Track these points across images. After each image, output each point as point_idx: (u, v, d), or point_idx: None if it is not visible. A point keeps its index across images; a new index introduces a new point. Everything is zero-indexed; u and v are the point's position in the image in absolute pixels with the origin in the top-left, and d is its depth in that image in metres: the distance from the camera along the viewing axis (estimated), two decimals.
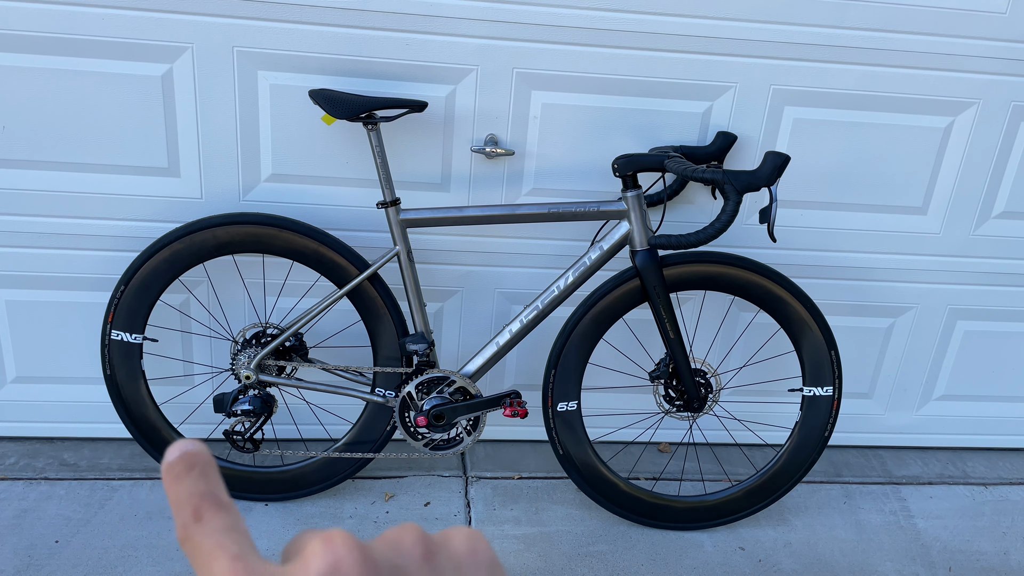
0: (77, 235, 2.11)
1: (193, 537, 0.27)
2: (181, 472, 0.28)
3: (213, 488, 0.28)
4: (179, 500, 0.28)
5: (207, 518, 0.27)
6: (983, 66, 2.14)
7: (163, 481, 0.29)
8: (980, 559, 2.23)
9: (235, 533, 0.27)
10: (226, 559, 0.26)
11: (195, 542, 0.27)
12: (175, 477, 0.28)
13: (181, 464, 0.29)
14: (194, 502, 0.28)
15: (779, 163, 1.77)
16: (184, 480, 0.28)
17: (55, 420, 2.34)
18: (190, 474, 0.28)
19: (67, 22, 1.90)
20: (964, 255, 2.38)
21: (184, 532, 0.27)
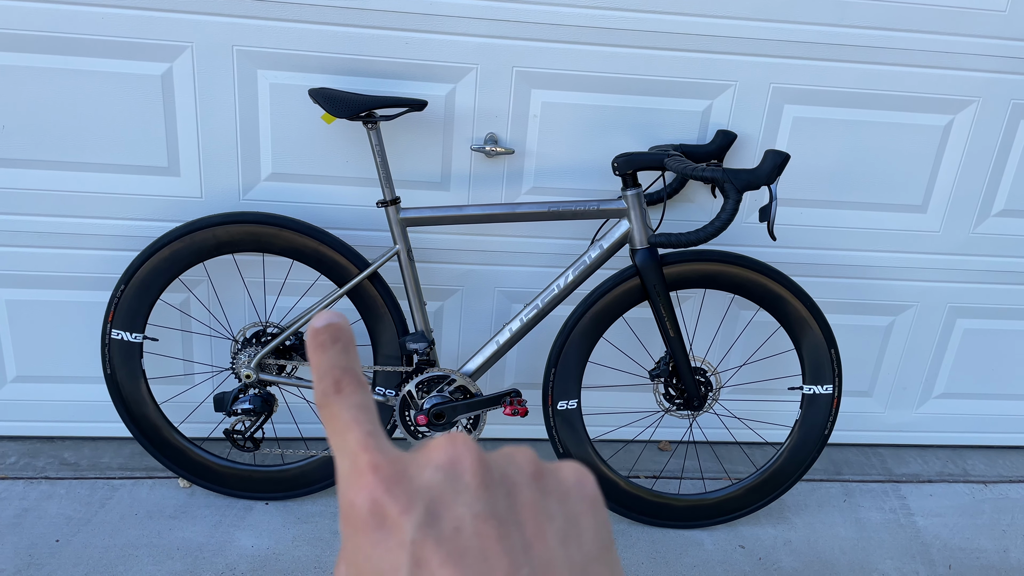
0: (77, 234, 2.11)
1: (331, 406, 0.29)
2: (326, 341, 0.30)
3: (352, 364, 0.30)
4: (322, 369, 0.30)
5: (346, 392, 0.29)
6: (983, 64, 2.14)
7: (307, 346, 0.30)
8: (980, 557, 2.23)
9: (368, 412, 0.29)
10: (359, 432, 0.28)
11: (332, 411, 0.29)
12: (320, 345, 0.30)
13: (327, 333, 0.30)
14: (335, 374, 0.30)
15: (779, 161, 1.77)
16: (328, 350, 0.30)
17: (55, 419, 2.34)
18: (335, 346, 0.30)
19: (66, 21, 1.90)
20: (964, 253, 2.38)
21: (323, 400, 0.29)
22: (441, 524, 0.26)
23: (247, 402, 2.03)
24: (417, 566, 0.25)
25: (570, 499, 0.29)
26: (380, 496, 0.27)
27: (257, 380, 2.05)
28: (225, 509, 2.16)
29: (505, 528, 0.27)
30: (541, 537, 0.27)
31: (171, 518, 2.12)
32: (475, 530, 0.26)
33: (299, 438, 2.41)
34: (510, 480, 0.29)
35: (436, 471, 0.28)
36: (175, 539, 2.05)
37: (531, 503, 0.28)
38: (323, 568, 2.01)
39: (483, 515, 0.27)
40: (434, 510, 0.26)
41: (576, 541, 0.28)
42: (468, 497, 0.27)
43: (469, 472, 0.28)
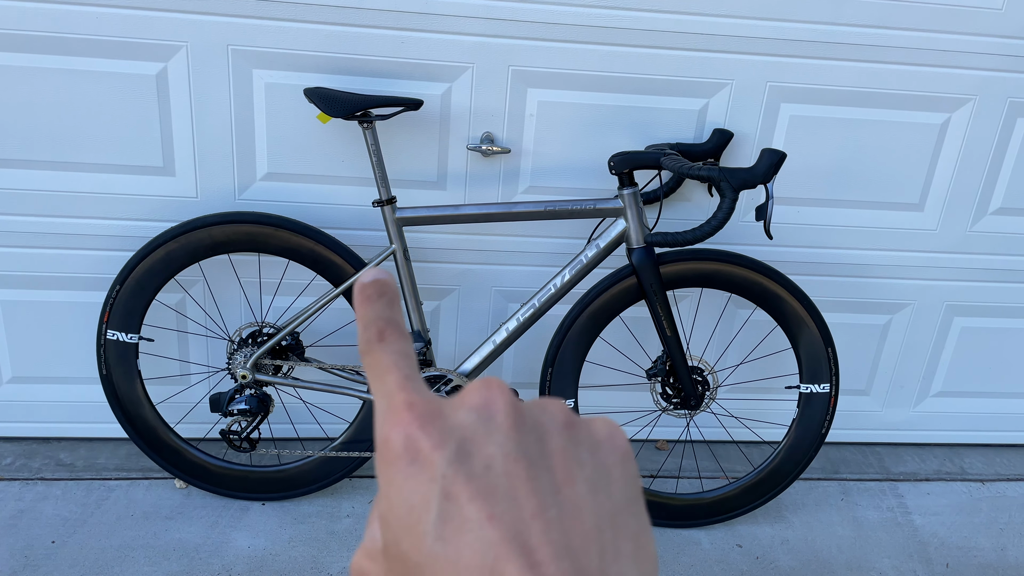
0: (72, 235, 2.10)
1: (374, 352, 0.31)
2: (373, 295, 0.32)
3: (396, 316, 0.32)
4: (367, 320, 0.31)
5: (389, 340, 0.31)
6: (979, 62, 2.14)
7: (355, 300, 0.32)
8: (977, 555, 2.23)
9: (409, 359, 0.30)
10: (399, 375, 0.29)
11: (375, 357, 0.30)
12: (367, 299, 0.32)
13: (373, 288, 0.32)
14: (380, 324, 0.31)
15: (775, 160, 1.77)
16: (375, 303, 0.31)
17: (51, 420, 2.33)
18: (380, 299, 0.32)
19: (61, 21, 1.90)
20: (961, 251, 2.38)
21: (367, 347, 0.31)
22: (472, 461, 0.27)
23: (243, 402, 2.03)
24: (447, 499, 0.26)
25: (601, 450, 0.30)
26: (414, 432, 0.27)
27: (253, 380, 2.04)
28: (221, 510, 2.16)
29: (535, 470, 0.27)
30: (570, 482, 0.28)
31: (167, 519, 2.11)
32: (505, 469, 0.27)
33: (295, 438, 2.40)
34: (542, 426, 0.29)
35: (469, 412, 0.28)
36: (171, 540, 2.04)
37: (561, 449, 0.29)
38: (320, 568, 2.00)
39: (514, 455, 0.27)
40: (466, 448, 0.27)
41: (605, 490, 0.29)
42: (500, 437, 0.28)
43: (502, 414, 0.28)
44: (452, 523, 0.26)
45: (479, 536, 0.25)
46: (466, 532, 0.26)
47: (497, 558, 0.25)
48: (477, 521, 0.26)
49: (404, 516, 0.27)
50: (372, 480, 2.31)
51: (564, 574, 0.25)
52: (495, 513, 0.26)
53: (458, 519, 0.26)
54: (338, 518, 2.17)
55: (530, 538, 0.26)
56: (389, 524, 0.27)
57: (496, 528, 0.25)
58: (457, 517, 0.26)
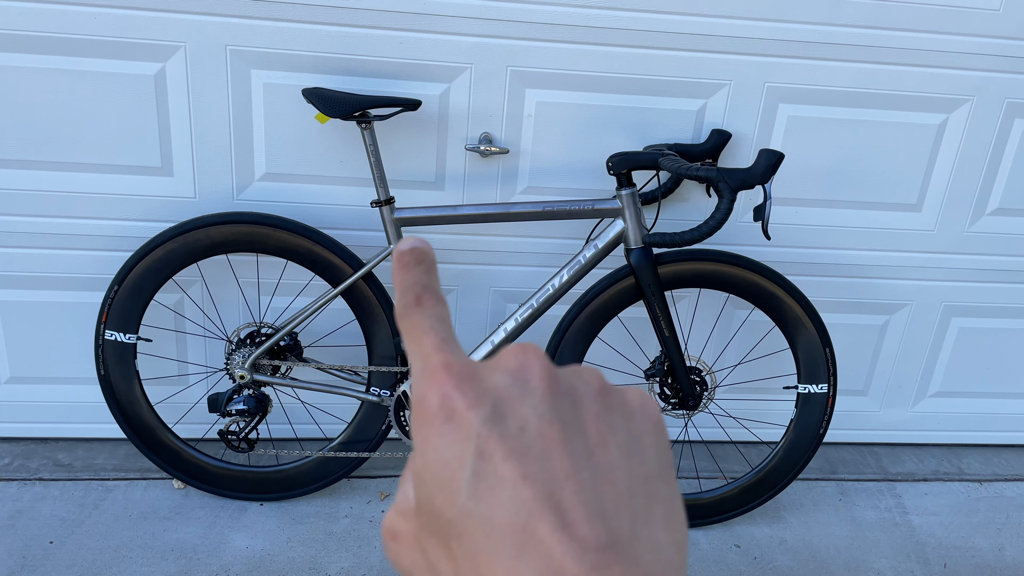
0: (70, 235, 2.10)
1: (411, 316, 0.31)
2: (411, 262, 0.32)
3: (433, 283, 0.32)
4: (405, 285, 0.31)
5: (426, 304, 0.31)
6: (977, 63, 2.14)
7: (393, 267, 0.32)
8: (975, 555, 2.23)
9: (445, 324, 0.31)
10: (435, 338, 0.30)
11: (412, 320, 0.31)
12: (404, 265, 0.32)
13: (411, 255, 0.32)
14: (417, 290, 0.31)
15: (773, 161, 1.77)
16: (413, 269, 0.32)
17: (49, 421, 2.33)
18: (419, 267, 0.32)
19: (58, 21, 1.89)
20: (959, 252, 2.38)
21: (404, 311, 0.31)
22: (507, 421, 0.27)
23: (241, 403, 2.03)
24: (481, 458, 0.26)
25: (634, 418, 0.30)
26: (450, 391, 0.28)
27: (251, 381, 2.04)
28: (219, 510, 2.16)
29: (568, 433, 0.28)
30: (604, 446, 0.28)
31: (165, 519, 2.11)
32: (539, 431, 0.27)
33: (294, 439, 2.40)
34: (576, 392, 0.29)
35: (505, 375, 0.29)
36: (169, 540, 2.04)
37: (595, 415, 0.29)
38: (318, 569, 2.00)
39: (548, 418, 0.28)
40: (501, 409, 0.27)
41: (638, 456, 0.29)
42: (534, 400, 0.28)
43: (537, 377, 0.29)
44: (486, 481, 0.26)
45: (513, 495, 0.26)
46: (500, 490, 0.26)
47: (530, 516, 0.25)
48: (511, 480, 0.26)
49: (438, 473, 0.27)
50: (371, 480, 2.31)
51: (596, 534, 0.25)
52: (529, 473, 0.26)
53: (492, 477, 0.26)
54: (336, 519, 2.17)
55: (563, 498, 0.26)
56: (424, 481, 0.28)
57: (529, 487, 0.26)
58: (491, 476, 0.26)
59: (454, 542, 0.27)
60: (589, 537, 0.25)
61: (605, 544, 0.25)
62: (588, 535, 0.25)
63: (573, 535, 0.25)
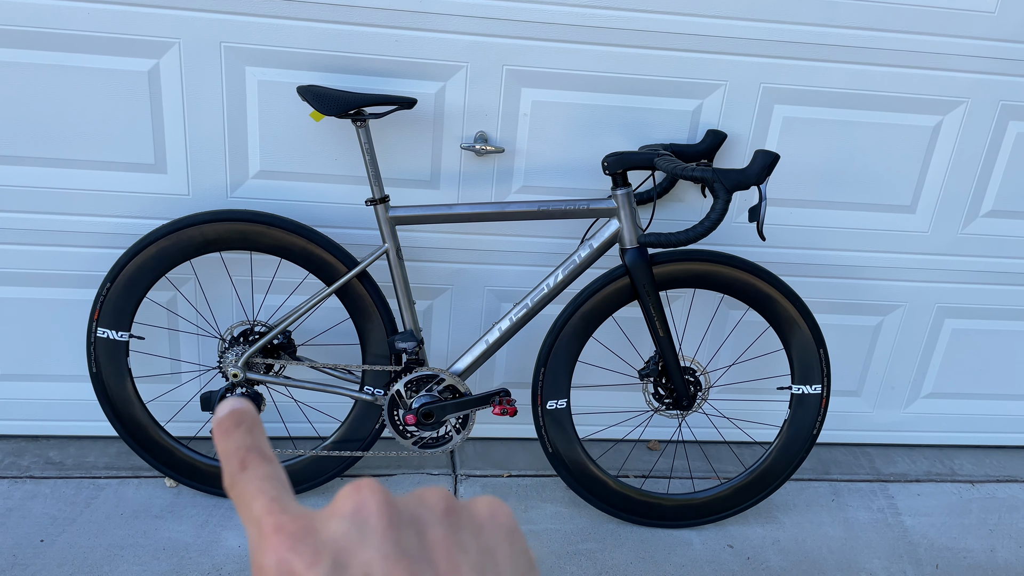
0: (63, 232, 2.09)
1: (238, 484, 0.30)
2: (230, 427, 0.31)
3: (258, 442, 0.31)
4: (227, 452, 0.30)
5: (251, 467, 0.30)
6: (972, 65, 2.15)
7: (213, 435, 0.31)
8: (967, 556, 2.24)
9: (275, 480, 0.30)
10: (264, 499, 0.28)
11: (239, 488, 0.29)
12: (224, 432, 0.31)
13: (230, 420, 0.31)
14: (240, 454, 0.30)
15: (768, 161, 1.77)
16: (233, 434, 0.31)
17: (40, 418, 2.32)
18: (238, 429, 0.31)
19: (52, 17, 1.88)
20: (952, 254, 2.39)
21: (230, 480, 0.30)
22: (349, 572, 0.26)
23: None
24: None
25: (484, 531, 0.29)
26: (285, 554, 0.26)
27: (244, 379, 2.04)
28: (212, 509, 2.15)
29: (416, 566, 0.27)
30: (455, 571, 0.27)
31: (157, 518, 2.10)
32: (385, 572, 0.26)
33: (286, 437, 2.39)
34: (420, 520, 0.29)
35: (342, 520, 0.28)
36: (161, 539, 2.03)
37: (443, 539, 0.28)
38: None
39: (392, 556, 0.27)
40: (341, 559, 0.26)
41: (493, 571, 0.28)
42: (376, 540, 0.27)
43: (375, 515, 0.28)
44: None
45: None
46: None
47: None
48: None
49: None
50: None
51: None
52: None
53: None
54: None
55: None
56: None
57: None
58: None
59: None
60: None
61: None
62: None
63: None
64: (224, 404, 0.32)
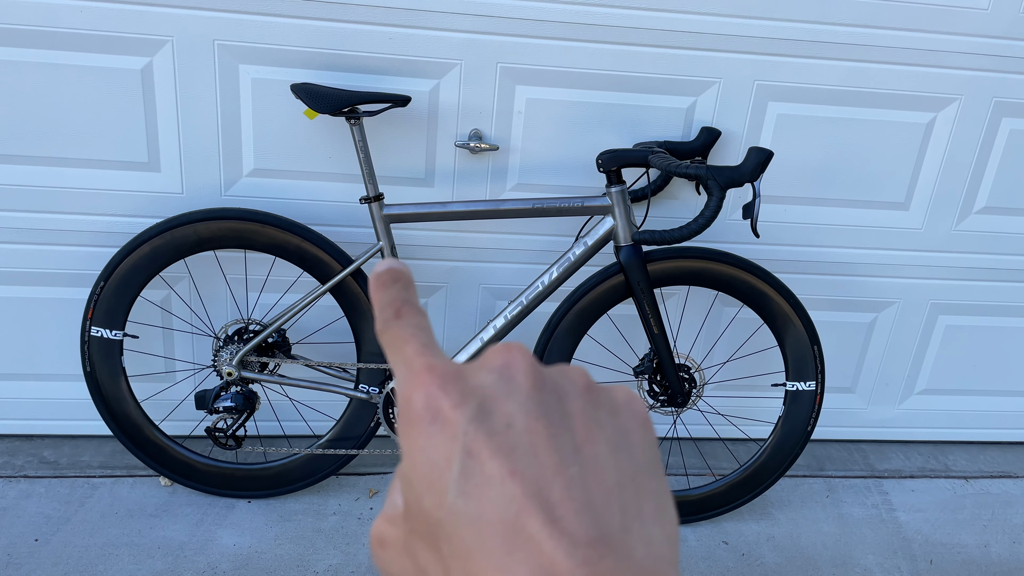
0: (56, 230, 2.09)
1: (392, 328, 0.31)
2: (388, 281, 0.32)
3: (412, 298, 0.32)
4: (383, 302, 0.32)
5: (406, 316, 0.31)
6: (965, 62, 2.15)
7: (370, 288, 0.33)
8: (961, 552, 2.25)
9: (427, 332, 0.31)
10: (417, 344, 0.30)
11: (393, 332, 0.31)
12: (382, 284, 0.32)
13: (388, 275, 0.33)
14: (396, 304, 0.32)
15: (762, 159, 1.77)
16: (390, 287, 0.32)
17: (35, 417, 2.31)
18: (396, 284, 0.32)
19: (44, 15, 1.88)
20: (946, 250, 2.40)
21: (384, 326, 0.31)
22: (493, 419, 0.27)
23: (229, 400, 2.02)
24: (468, 457, 0.26)
25: (621, 414, 0.30)
26: (434, 391, 0.28)
27: (239, 377, 2.03)
28: (207, 507, 2.15)
29: (555, 428, 0.27)
30: (591, 442, 0.28)
31: (152, 517, 2.10)
32: (526, 427, 0.27)
33: (282, 436, 2.39)
34: (562, 389, 0.29)
35: (490, 373, 0.29)
36: (156, 538, 2.03)
37: (581, 411, 0.29)
38: (306, 566, 2.00)
39: (534, 414, 0.27)
40: (486, 407, 0.27)
41: (627, 452, 0.29)
42: (520, 397, 0.28)
43: (522, 374, 0.29)
44: (474, 480, 0.26)
45: (501, 492, 0.26)
46: (488, 488, 0.26)
47: (519, 513, 0.25)
48: (499, 477, 0.26)
49: (426, 474, 0.27)
50: (359, 478, 2.30)
51: (586, 529, 0.25)
52: (516, 469, 0.26)
53: (480, 476, 0.26)
54: (324, 516, 2.16)
55: (551, 494, 0.26)
56: (411, 483, 0.28)
57: (518, 484, 0.26)
58: (479, 474, 0.26)
59: (443, 543, 0.26)
60: (579, 532, 0.25)
61: (595, 538, 0.25)
62: (578, 530, 0.25)
63: (563, 530, 0.25)
64: (383, 262, 0.33)
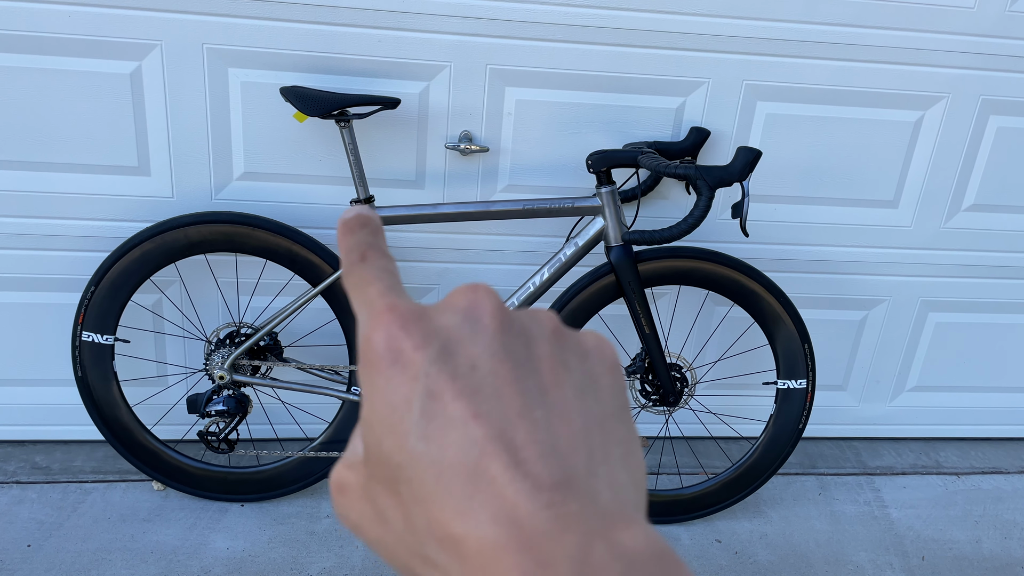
0: (46, 235, 2.08)
1: (355, 272, 0.30)
2: (355, 227, 0.31)
3: (379, 243, 0.31)
4: (349, 246, 0.31)
5: (371, 260, 0.30)
6: (952, 60, 2.16)
7: (337, 234, 0.32)
8: (953, 548, 2.26)
9: (391, 275, 0.30)
10: (381, 286, 0.29)
11: (356, 275, 0.30)
12: (349, 229, 0.31)
13: (356, 221, 0.32)
14: (362, 248, 0.31)
15: (751, 158, 1.78)
16: (358, 232, 0.31)
17: (26, 423, 2.31)
18: (363, 229, 0.31)
19: (33, 19, 1.87)
20: (935, 248, 2.41)
21: (348, 269, 0.30)
22: (456, 360, 0.26)
23: (221, 403, 2.02)
24: (430, 398, 0.25)
25: (589, 358, 0.29)
26: (396, 332, 0.27)
27: (231, 381, 2.03)
28: (200, 511, 2.14)
29: (521, 371, 0.27)
30: (558, 385, 0.27)
31: (145, 521, 2.10)
32: (491, 369, 0.26)
33: (274, 439, 2.39)
34: (529, 332, 0.29)
35: (455, 314, 0.28)
36: (149, 542, 2.03)
37: (549, 355, 0.28)
38: (299, 569, 2.00)
39: (500, 356, 0.27)
40: (450, 348, 0.27)
41: (594, 396, 0.28)
42: (485, 338, 0.27)
43: (488, 315, 0.28)
44: (435, 422, 0.25)
45: (463, 434, 0.25)
46: (450, 430, 0.25)
47: (482, 455, 0.25)
48: (461, 419, 0.25)
49: (386, 417, 0.26)
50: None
51: (550, 472, 0.25)
52: (480, 412, 0.25)
53: (441, 417, 0.25)
54: (318, 518, 2.16)
55: (516, 436, 0.25)
56: (371, 427, 0.27)
57: (481, 426, 0.25)
58: (440, 416, 0.25)
59: (403, 487, 0.26)
60: (543, 475, 0.24)
61: (560, 482, 0.25)
62: (542, 473, 0.24)
63: (526, 473, 0.24)
64: (350, 209, 0.32)
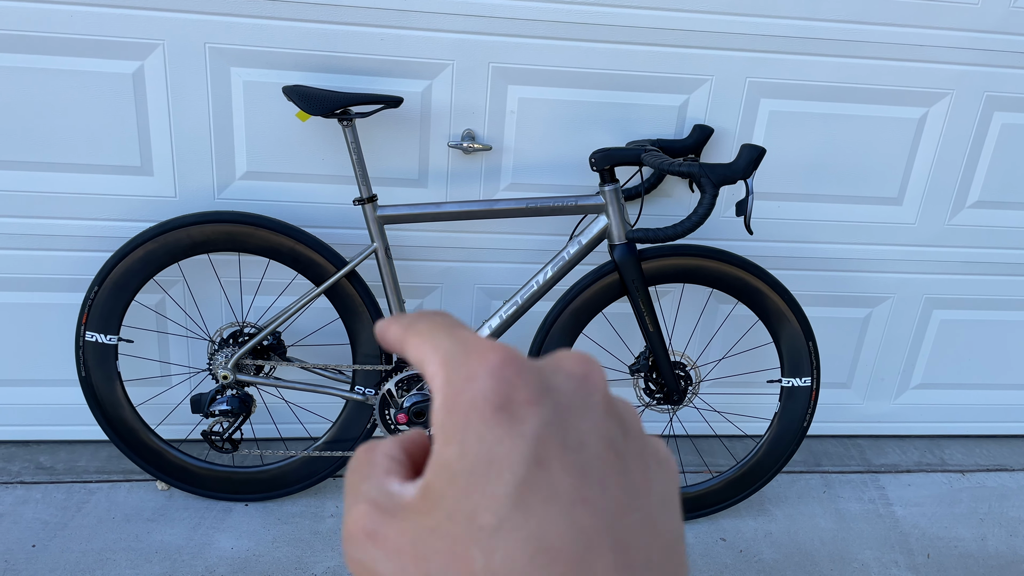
0: (49, 236, 2.08)
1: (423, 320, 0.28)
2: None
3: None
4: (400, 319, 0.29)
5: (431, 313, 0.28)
6: (956, 57, 2.16)
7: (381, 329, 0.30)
8: (958, 545, 2.25)
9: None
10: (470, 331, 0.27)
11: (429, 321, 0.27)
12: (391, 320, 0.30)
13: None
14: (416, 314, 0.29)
15: (755, 156, 1.77)
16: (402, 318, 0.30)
17: (30, 423, 2.31)
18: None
19: (35, 19, 1.87)
20: (939, 245, 2.40)
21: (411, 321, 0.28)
22: (567, 432, 0.24)
23: (225, 403, 2.01)
24: (538, 464, 0.23)
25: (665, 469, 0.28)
26: (509, 376, 0.24)
27: (234, 381, 2.03)
28: (204, 511, 2.14)
29: (623, 464, 0.25)
30: (648, 493, 0.26)
31: (149, 521, 2.10)
32: (599, 453, 0.24)
33: (278, 438, 2.39)
34: (626, 423, 0.27)
35: (569, 379, 0.26)
36: (153, 542, 2.03)
37: (639, 454, 0.26)
38: (304, 569, 2.00)
39: (607, 441, 0.25)
40: (563, 415, 0.24)
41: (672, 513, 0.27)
42: (596, 417, 0.25)
43: (599, 394, 0.26)
44: (538, 493, 0.23)
45: (570, 516, 0.23)
46: (552, 507, 0.23)
47: (588, 548, 0.22)
48: (568, 499, 0.23)
49: (479, 469, 0.23)
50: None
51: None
52: (588, 497, 0.23)
53: (547, 490, 0.23)
54: (322, 518, 2.16)
55: (623, 537, 0.23)
56: (455, 476, 0.24)
57: (588, 514, 0.23)
58: (545, 488, 0.23)
59: (478, 551, 0.23)
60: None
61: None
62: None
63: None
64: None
